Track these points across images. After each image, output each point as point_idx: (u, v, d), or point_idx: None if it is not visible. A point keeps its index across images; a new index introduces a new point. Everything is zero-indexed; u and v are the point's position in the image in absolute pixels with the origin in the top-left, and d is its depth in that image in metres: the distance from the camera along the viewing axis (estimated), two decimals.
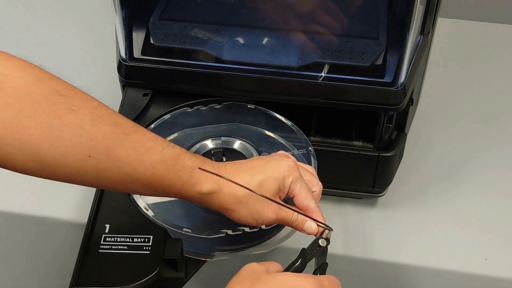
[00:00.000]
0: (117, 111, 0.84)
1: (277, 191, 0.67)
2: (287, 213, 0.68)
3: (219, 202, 0.65)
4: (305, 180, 0.69)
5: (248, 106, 0.85)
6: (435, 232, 0.90)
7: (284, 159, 0.70)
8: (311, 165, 0.78)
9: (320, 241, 0.67)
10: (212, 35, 0.87)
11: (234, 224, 0.69)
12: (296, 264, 0.64)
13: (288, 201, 0.70)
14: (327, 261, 0.66)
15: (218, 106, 0.86)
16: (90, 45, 1.20)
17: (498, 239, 0.89)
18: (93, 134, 0.59)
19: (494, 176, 0.98)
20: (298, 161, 0.75)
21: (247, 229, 0.70)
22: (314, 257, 0.66)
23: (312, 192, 0.70)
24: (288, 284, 0.59)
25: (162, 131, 0.82)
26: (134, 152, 0.61)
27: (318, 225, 0.69)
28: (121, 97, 0.87)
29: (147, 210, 0.72)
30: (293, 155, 0.80)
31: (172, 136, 0.83)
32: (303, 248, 0.66)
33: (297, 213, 0.68)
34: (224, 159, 0.79)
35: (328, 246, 0.67)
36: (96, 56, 1.16)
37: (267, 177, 0.67)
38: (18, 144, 0.56)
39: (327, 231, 0.68)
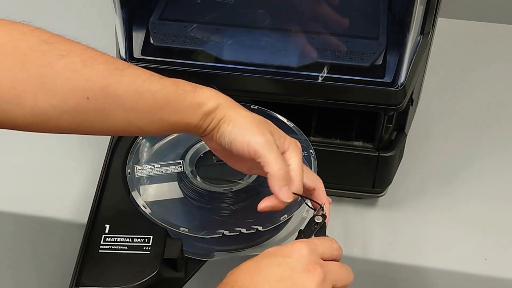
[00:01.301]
0: None
1: (272, 129, 0.65)
2: (277, 151, 0.64)
3: (218, 117, 0.64)
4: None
5: (251, 106, 0.85)
6: (435, 232, 0.90)
7: None
8: (311, 166, 0.78)
9: (316, 218, 0.67)
10: (212, 35, 0.87)
11: (231, 225, 0.69)
12: None
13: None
14: (327, 235, 0.66)
15: None
16: (90, 45, 1.19)
17: (498, 239, 0.89)
18: (87, 75, 0.59)
19: (494, 176, 0.98)
20: None
21: (243, 230, 0.70)
22: (313, 234, 0.66)
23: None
24: (273, 251, 0.59)
25: None
26: (132, 86, 0.61)
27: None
28: None
29: (145, 208, 0.72)
30: None
31: (174, 135, 0.83)
32: (300, 229, 0.66)
33: (284, 168, 0.64)
34: None
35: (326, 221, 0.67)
36: None
37: (262, 118, 0.66)
38: (16, 100, 0.57)
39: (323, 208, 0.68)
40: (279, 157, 0.63)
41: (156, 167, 0.78)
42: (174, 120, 0.64)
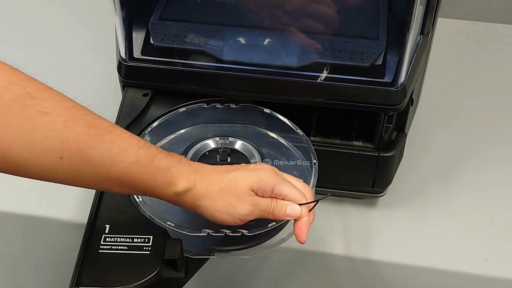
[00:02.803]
0: (117, 111, 0.85)
1: (253, 187, 0.67)
2: (264, 204, 0.67)
3: (192, 198, 0.65)
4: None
5: (265, 110, 0.85)
6: (435, 232, 0.90)
7: (264, 164, 0.71)
8: (311, 176, 0.78)
9: None
10: (212, 35, 0.87)
11: (218, 225, 0.69)
12: None
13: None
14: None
15: (235, 106, 0.85)
16: (90, 45, 1.20)
17: (498, 239, 0.89)
18: (65, 137, 0.59)
19: (494, 176, 0.98)
20: (305, 172, 0.76)
21: (228, 232, 0.70)
22: None
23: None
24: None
25: (169, 126, 0.83)
26: (107, 154, 0.61)
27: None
28: (121, 97, 0.87)
29: (138, 198, 0.73)
30: (295, 165, 0.79)
31: (183, 130, 0.83)
32: None
33: (275, 200, 0.68)
34: (229, 159, 0.79)
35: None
36: (96, 56, 1.16)
37: (243, 173, 0.67)
38: None
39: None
40: (269, 207, 0.68)
41: None
42: (144, 191, 0.65)
